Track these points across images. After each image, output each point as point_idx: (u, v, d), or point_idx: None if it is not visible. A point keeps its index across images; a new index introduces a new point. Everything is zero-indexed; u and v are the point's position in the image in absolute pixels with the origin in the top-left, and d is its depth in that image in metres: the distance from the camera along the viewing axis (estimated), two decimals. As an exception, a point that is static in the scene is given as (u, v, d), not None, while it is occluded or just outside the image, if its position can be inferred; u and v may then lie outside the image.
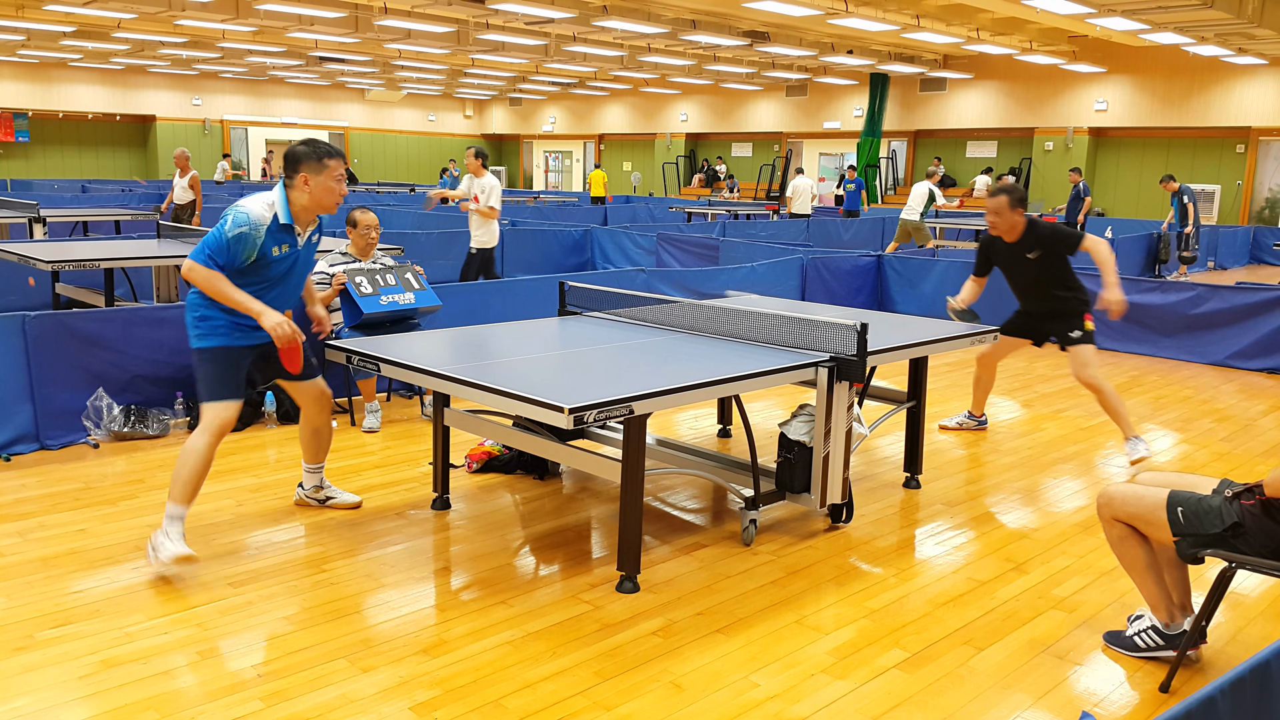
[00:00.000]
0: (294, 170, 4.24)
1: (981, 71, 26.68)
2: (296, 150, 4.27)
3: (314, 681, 3.33)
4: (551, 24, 19.67)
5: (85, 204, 18.43)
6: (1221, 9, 14.74)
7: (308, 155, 4.24)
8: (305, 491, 4.98)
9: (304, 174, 4.24)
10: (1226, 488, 3.45)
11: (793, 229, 17.13)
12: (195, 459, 4.16)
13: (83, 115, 33.19)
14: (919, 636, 3.78)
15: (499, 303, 8.06)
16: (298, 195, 4.25)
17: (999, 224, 6.10)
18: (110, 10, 18.49)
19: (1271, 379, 8.73)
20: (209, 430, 4.19)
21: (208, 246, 4.12)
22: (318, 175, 4.25)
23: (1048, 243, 6.07)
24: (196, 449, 4.17)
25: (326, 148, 4.29)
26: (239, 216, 4.12)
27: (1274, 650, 2.01)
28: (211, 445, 4.19)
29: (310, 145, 4.28)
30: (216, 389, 4.24)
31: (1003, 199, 6.04)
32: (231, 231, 4.10)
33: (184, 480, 4.15)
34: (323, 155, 4.25)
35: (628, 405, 3.74)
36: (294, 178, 4.24)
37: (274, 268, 4.27)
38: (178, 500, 4.15)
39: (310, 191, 4.25)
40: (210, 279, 4.11)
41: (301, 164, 4.23)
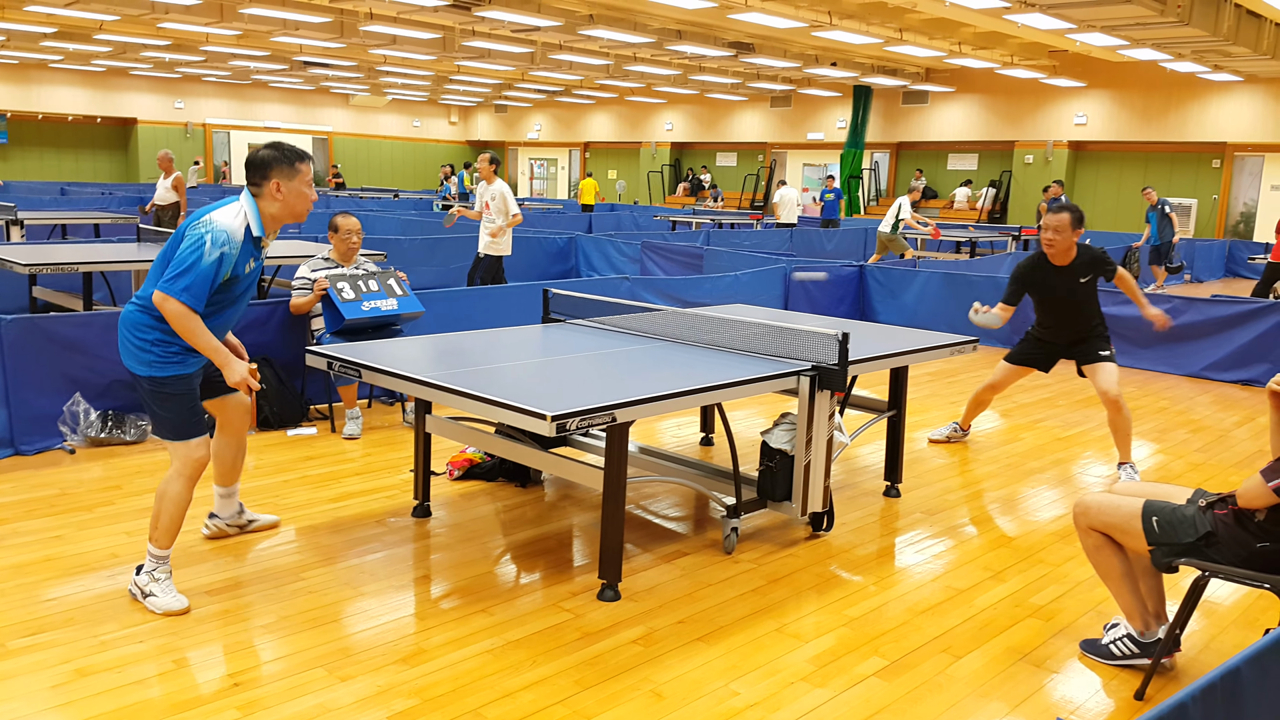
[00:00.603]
0: (263, 177, 3.83)
1: (963, 85, 26.86)
2: (263, 155, 3.85)
3: (291, 691, 3.32)
4: (538, 32, 19.70)
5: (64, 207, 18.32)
6: (1198, 26, 14.89)
7: (278, 160, 3.84)
8: (224, 520, 4.58)
9: (275, 180, 3.83)
10: (1200, 497, 3.49)
11: (776, 238, 17.19)
12: (174, 506, 3.84)
13: (63, 117, 32.99)
14: (898, 644, 3.80)
15: (482, 309, 8.05)
16: (268, 204, 3.86)
17: (1058, 243, 5.73)
18: (92, 12, 18.40)
19: (1246, 390, 8.81)
20: (185, 475, 3.86)
21: (182, 275, 3.64)
22: (290, 181, 3.86)
23: (1099, 266, 5.86)
24: (176, 497, 3.84)
25: (295, 150, 3.91)
26: (216, 235, 3.68)
27: (1245, 657, 2.03)
28: (190, 488, 3.88)
29: (278, 149, 3.88)
30: (186, 426, 3.85)
31: (1065, 217, 5.70)
32: (212, 254, 3.67)
33: (164, 527, 3.85)
34: (293, 159, 3.87)
35: (610, 413, 3.74)
36: (263, 185, 3.84)
37: (238, 285, 3.88)
38: (160, 545, 3.87)
39: (283, 199, 3.86)
40: (183, 318, 3.66)
41: (272, 169, 3.83)
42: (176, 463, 3.87)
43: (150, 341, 3.79)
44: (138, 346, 3.80)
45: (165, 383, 3.81)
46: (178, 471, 3.87)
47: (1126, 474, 6.02)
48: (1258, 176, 23.24)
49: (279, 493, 5.25)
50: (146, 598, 3.86)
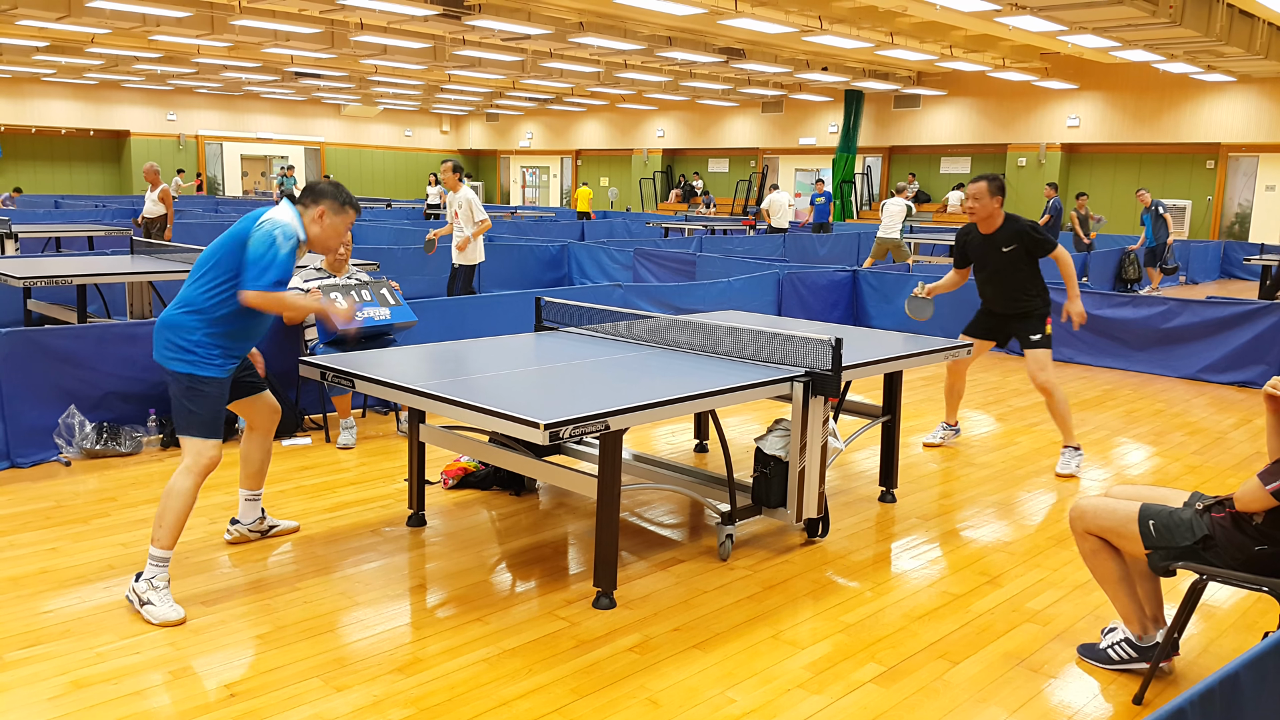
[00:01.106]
0: (315, 201, 4.16)
1: (955, 88, 26.92)
2: (323, 186, 4.22)
3: (287, 701, 3.30)
4: (528, 40, 19.72)
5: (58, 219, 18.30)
6: (1190, 27, 14.94)
7: (333, 194, 4.20)
8: (245, 526, 4.68)
9: (324, 208, 4.15)
10: (1197, 500, 3.49)
11: (769, 244, 17.20)
12: (180, 502, 3.91)
13: (56, 130, 32.98)
14: (894, 650, 3.79)
15: (475, 318, 8.04)
16: (311, 226, 4.16)
17: (978, 210, 6.05)
18: (84, 25, 18.39)
19: (1242, 392, 8.82)
20: (195, 471, 3.95)
21: (266, 272, 3.91)
22: (336, 216, 4.18)
23: (1024, 238, 6.02)
24: (183, 492, 3.92)
25: (351, 198, 4.27)
26: (285, 229, 3.99)
27: (1243, 661, 2.03)
28: (197, 486, 3.97)
29: (336, 187, 4.24)
30: (208, 425, 3.99)
31: (983, 185, 6.00)
32: (285, 246, 3.96)
33: (169, 524, 3.90)
34: (345, 201, 4.22)
35: (603, 421, 3.74)
36: (312, 207, 4.15)
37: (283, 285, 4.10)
38: (163, 544, 3.90)
39: (324, 227, 4.17)
40: (279, 300, 3.98)
41: (324, 199, 4.17)
42: (188, 459, 3.97)
43: (194, 343, 3.97)
44: (182, 347, 3.97)
45: (203, 382, 3.98)
46: (187, 468, 3.95)
47: (1067, 457, 6.15)
48: (1252, 177, 23.31)
49: (275, 503, 5.23)
50: (144, 606, 3.86)
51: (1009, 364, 9.84)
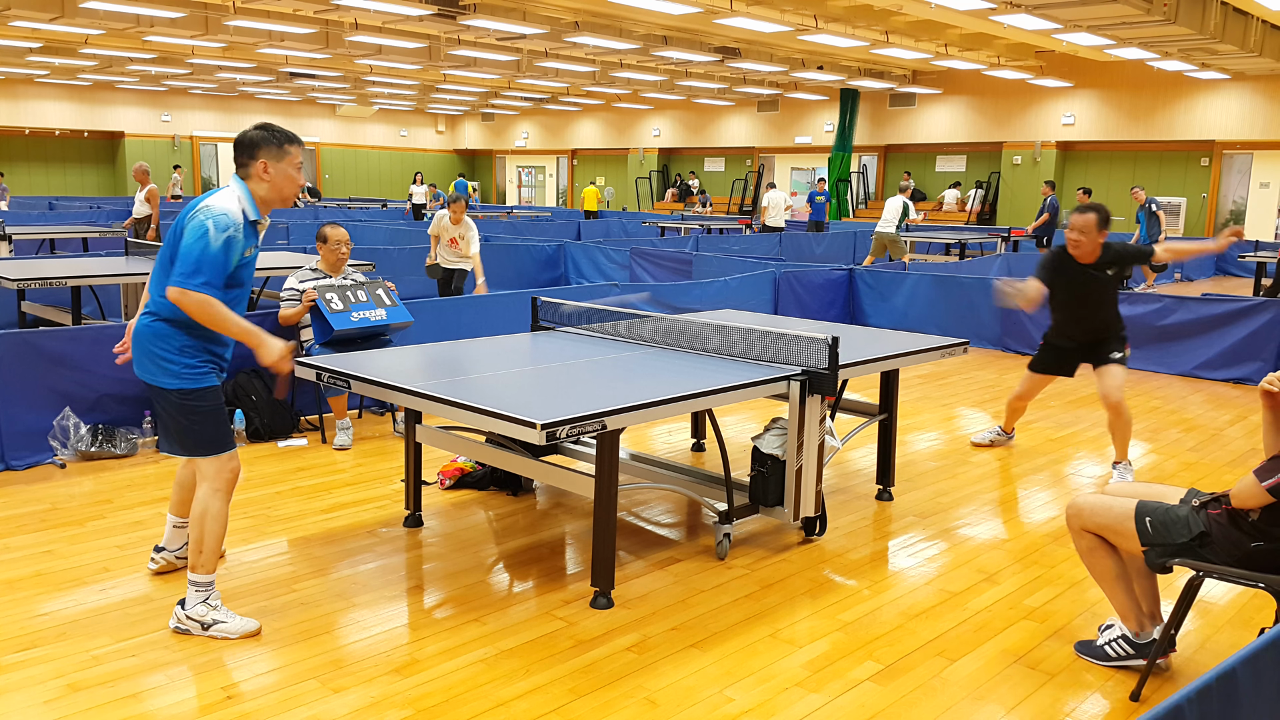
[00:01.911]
0: (250, 157, 3.73)
1: (950, 87, 26.94)
2: (252, 135, 3.75)
3: (284, 703, 3.30)
4: (523, 40, 19.70)
5: (52, 221, 18.26)
6: (1184, 24, 14.96)
7: (266, 140, 3.74)
8: (172, 553, 4.27)
9: (263, 160, 3.72)
10: (1194, 497, 3.49)
11: (765, 243, 17.21)
12: (218, 525, 3.73)
13: (50, 132, 32.91)
14: (892, 648, 3.79)
15: (471, 318, 8.04)
16: (256, 185, 3.75)
17: (1083, 244, 5.70)
18: (77, 26, 18.36)
19: (1238, 389, 8.83)
20: (223, 491, 3.76)
21: (195, 266, 3.52)
22: (278, 162, 3.75)
23: (1124, 258, 5.82)
24: (217, 515, 3.74)
25: (285, 132, 3.80)
26: (220, 220, 3.57)
27: (1240, 658, 2.03)
28: (228, 503, 3.80)
29: (267, 129, 3.77)
30: (221, 439, 3.75)
31: (1092, 218, 5.66)
32: (218, 239, 3.55)
33: (209, 550, 3.72)
34: (283, 140, 3.76)
35: (600, 420, 3.74)
36: (251, 165, 3.73)
37: (242, 273, 3.75)
38: (207, 570, 3.74)
39: (270, 180, 3.75)
40: (205, 305, 3.53)
41: (260, 149, 3.72)
42: (212, 480, 3.74)
43: (176, 350, 3.66)
44: (163, 359, 3.66)
45: (198, 395, 3.69)
46: (213, 489, 3.74)
47: (1119, 473, 6.02)
48: (1246, 174, 23.34)
49: (270, 505, 5.23)
50: (211, 628, 3.72)
51: (1005, 362, 9.85)
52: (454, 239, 9.94)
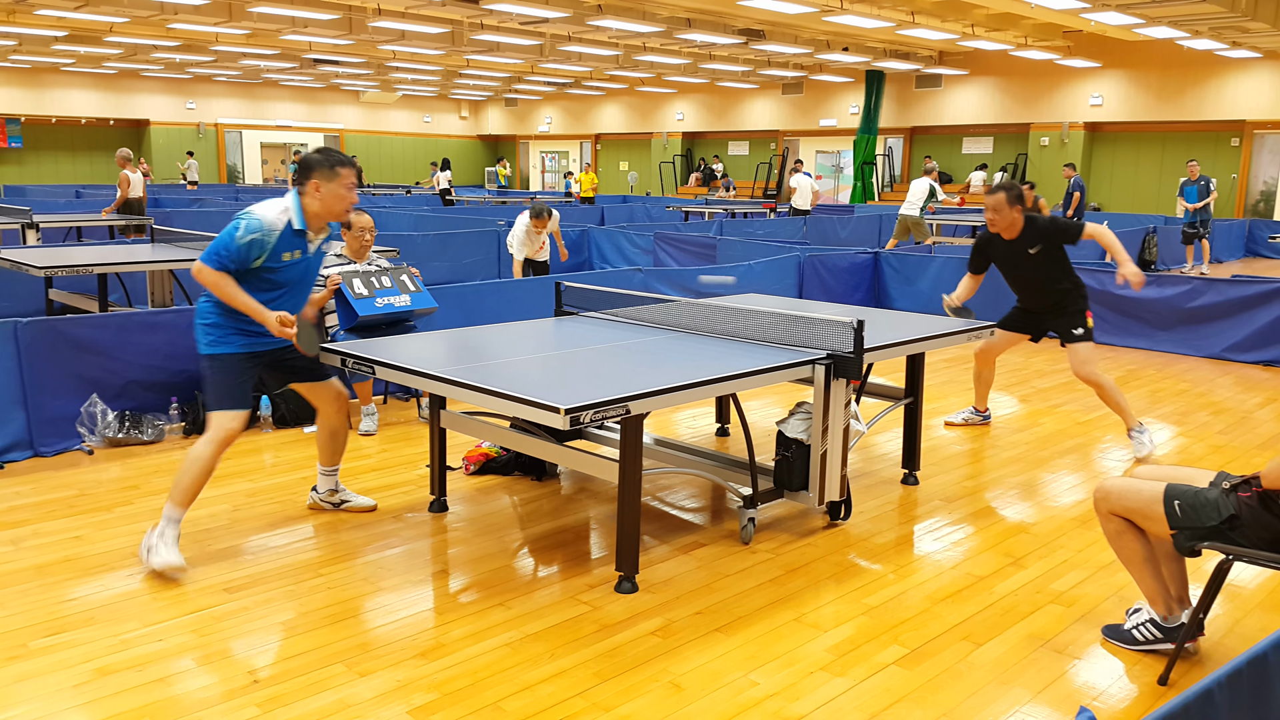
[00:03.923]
0: (306, 177, 4.32)
1: (976, 68, 26.69)
2: (310, 158, 4.37)
3: (311, 687, 3.32)
4: (546, 24, 19.66)
5: (79, 209, 18.41)
6: (1215, 2, 14.74)
7: (320, 163, 4.33)
8: (319, 495, 4.98)
9: (315, 180, 4.31)
10: (1223, 480, 3.45)
11: (790, 227, 17.12)
12: (198, 467, 4.22)
13: (76, 120, 33.18)
14: (918, 633, 3.77)
15: (494, 304, 8.05)
16: (309, 201, 4.33)
17: (998, 221, 6.06)
18: (102, 14, 18.48)
19: (1268, 371, 8.73)
20: (214, 440, 4.25)
21: (219, 249, 4.18)
22: (329, 182, 4.31)
23: (1049, 235, 6.04)
24: (200, 457, 4.23)
25: (339, 156, 4.39)
26: (252, 223, 4.18)
27: (1271, 642, 2.00)
28: (215, 454, 4.26)
29: (323, 153, 4.38)
30: (223, 397, 4.31)
31: (1001, 196, 6.01)
32: (244, 237, 4.16)
33: (184, 486, 4.23)
34: (335, 163, 4.34)
35: (624, 405, 3.73)
36: (306, 184, 4.32)
37: (283, 273, 4.33)
38: (177, 503, 4.23)
39: (321, 198, 4.32)
40: (219, 281, 4.18)
41: (314, 171, 4.31)
42: (211, 430, 4.26)
43: (208, 325, 4.31)
44: (201, 329, 4.33)
45: (215, 358, 4.31)
46: (209, 437, 4.25)
47: (1137, 438, 6.10)
48: (1278, 154, 23.02)
49: (296, 490, 5.26)
50: (149, 552, 4.17)
51: (1029, 345, 9.76)
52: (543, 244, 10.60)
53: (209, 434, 4.26)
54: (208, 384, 4.36)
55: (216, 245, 4.19)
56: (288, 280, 4.38)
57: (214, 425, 4.27)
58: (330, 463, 4.88)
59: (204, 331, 4.33)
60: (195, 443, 4.27)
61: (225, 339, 4.31)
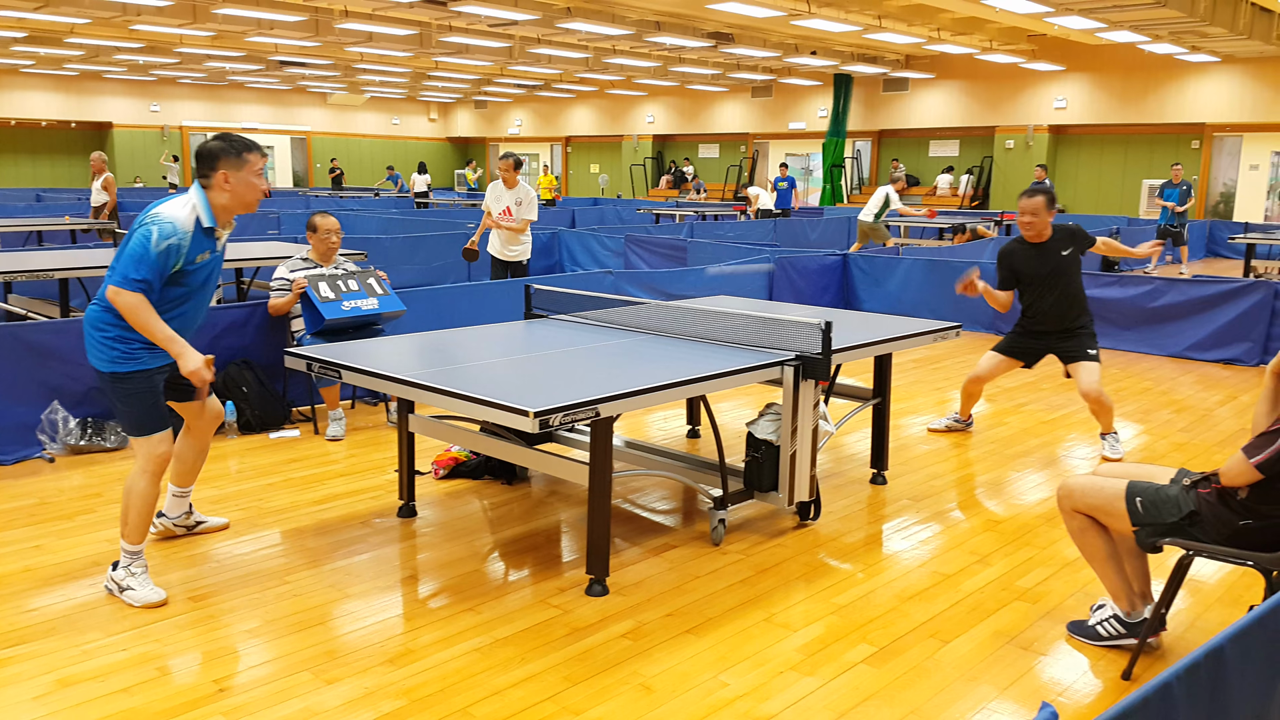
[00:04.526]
0: (211, 168, 3.88)
1: (943, 71, 26.88)
2: (211, 146, 3.91)
3: (277, 695, 3.30)
4: (515, 26, 19.62)
5: (39, 213, 18.18)
6: (1174, 7, 14.93)
7: (225, 150, 3.89)
8: (172, 520, 4.57)
9: (223, 171, 3.87)
10: (1184, 477, 3.50)
11: (760, 229, 17.18)
12: (142, 502, 3.92)
13: (36, 123, 32.73)
14: (886, 631, 3.80)
15: (464, 307, 8.02)
16: (217, 195, 3.91)
17: (1036, 225, 5.85)
18: (63, 15, 18.24)
19: (1228, 370, 8.85)
20: (149, 472, 3.92)
21: (131, 266, 3.72)
22: (238, 171, 3.89)
23: (1077, 237, 5.89)
24: (141, 493, 3.91)
25: (243, 141, 3.95)
26: (164, 227, 3.75)
27: (1228, 635, 2.03)
28: (155, 485, 3.94)
29: (225, 140, 3.93)
30: (148, 421, 3.91)
31: (1040, 200, 5.80)
32: (159, 245, 3.73)
33: (134, 523, 3.93)
34: (240, 149, 3.91)
35: (593, 408, 3.73)
36: (211, 176, 3.89)
37: (194, 276, 3.93)
38: (132, 540, 3.95)
39: (231, 189, 3.90)
40: (136, 308, 3.73)
41: (219, 160, 3.87)
42: (140, 460, 3.94)
43: (112, 339, 3.86)
44: (101, 344, 3.87)
45: (127, 378, 3.89)
46: (141, 468, 3.93)
47: (1109, 443, 6.11)
48: (1236, 156, 23.34)
49: (262, 496, 5.22)
50: (124, 592, 3.93)
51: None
52: (508, 208, 9.07)
53: (141, 465, 3.91)
54: (122, 409, 3.92)
55: (129, 260, 3.71)
56: (196, 285, 3.97)
57: (143, 455, 3.91)
58: (187, 483, 4.50)
59: (104, 347, 3.85)
60: (130, 474, 3.94)
61: (133, 354, 3.88)
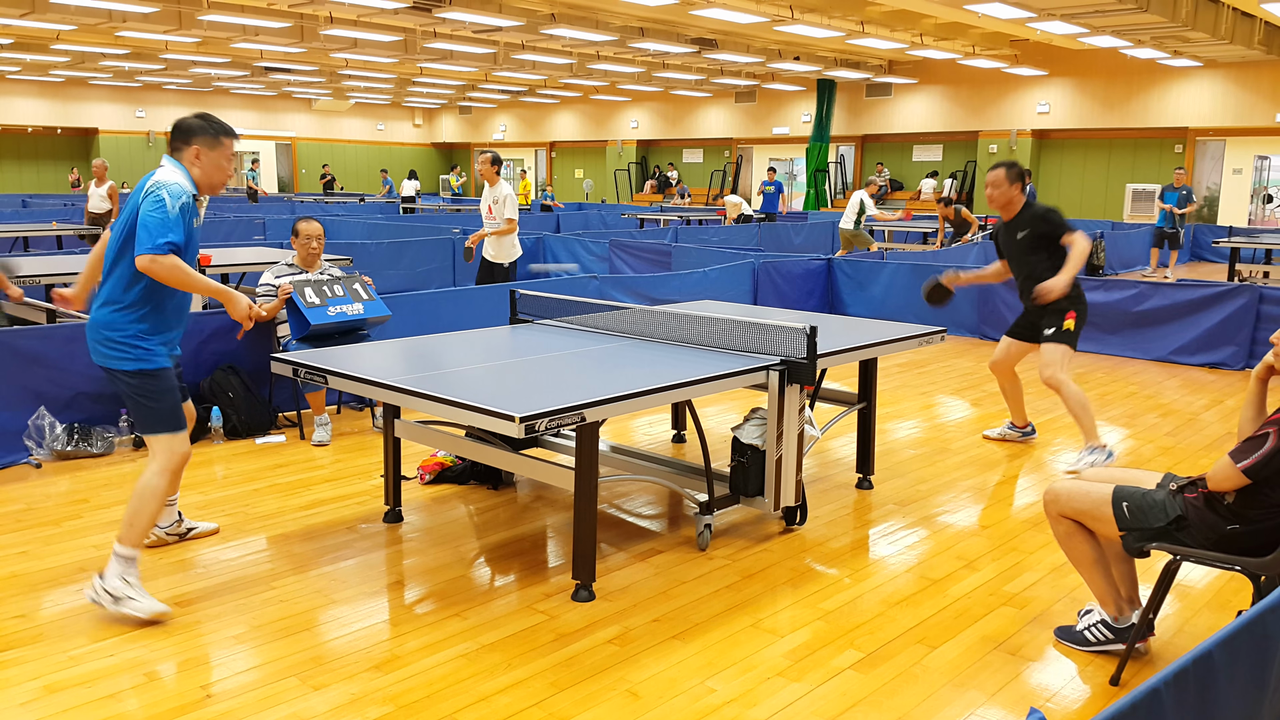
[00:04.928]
0: (185, 142, 3.92)
1: (926, 76, 26.99)
2: (190, 122, 3.95)
3: (264, 701, 3.28)
4: (500, 32, 19.62)
5: (25, 219, 18.07)
6: (1156, 13, 15.03)
7: (203, 129, 3.94)
8: (164, 529, 4.53)
9: (197, 147, 3.92)
10: (1170, 481, 3.51)
11: (744, 234, 17.20)
12: (156, 503, 3.85)
13: (22, 129, 32.55)
14: (873, 636, 3.80)
15: (449, 312, 8.01)
16: (190, 168, 3.94)
17: (996, 196, 5.98)
18: (49, 22, 18.15)
19: (1213, 373, 8.90)
20: (169, 470, 3.88)
21: (159, 231, 3.71)
22: (212, 150, 3.94)
23: (1038, 222, 5.87)
24: (158, 491, 3.85)
25: (221, 123, 3.99)
26: (172, 189, 3.78)
27: (1216, 640, 2.04)
28: (172, 484, 3.93)
29: (205, 119, 3.97)
30: (170, 419, 3.91)
31: (1000, 171, 5.93)
32: (175, 206, 3.75)
33: (141, 525, 3.84)
34: (219, 132, 3.96)
35: (579, 413, 3.73)
36: (184, 149, 3.92)
37: (188, 251, 3.92)
38: (132, 543, 3.83)
39: (202, 166, 3.94)
40: (175, 268, 3.74)
41: (195, 136, 3.92)
42: (161, 457, 3.88)
43: (133, 336, 3.86)
44: (122, 344, 3.86)
45: (156, 375, 3.89)
46: (162, 466, 3.88)
47: (1091, 456, 5.90)
48: (1219, 160, 23.50)
49: (248, 502, 5.20)
50: (121, 601, 3.77)
51: (982, 350, 9.88)
52: (489, 207, 9.07)
53: (160, 463, 3.87)
54: (144, 407, 3.89)
55: (154, 228, 3.71)
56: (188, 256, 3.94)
57: (163, 452, 3.88)
58: (174, 490, 4.33)
59: (123, 348, 3.86)
60: (146, 474, 3.87)
61: (154, 352, 3.89)
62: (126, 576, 3.81)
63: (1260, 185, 23.12)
